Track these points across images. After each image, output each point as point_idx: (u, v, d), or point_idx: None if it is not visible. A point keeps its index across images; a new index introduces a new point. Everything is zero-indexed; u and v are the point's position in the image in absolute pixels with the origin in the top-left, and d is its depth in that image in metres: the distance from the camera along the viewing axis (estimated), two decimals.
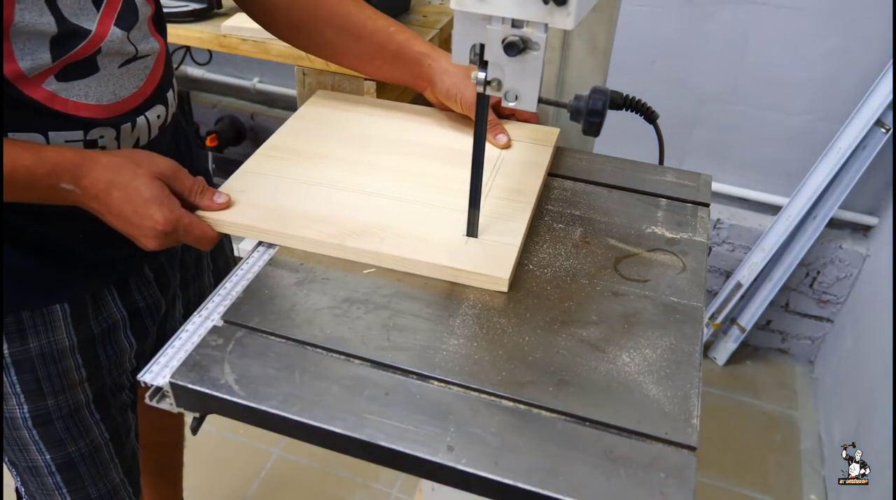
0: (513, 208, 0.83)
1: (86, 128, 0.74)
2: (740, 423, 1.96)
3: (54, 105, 0.71)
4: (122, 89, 0.76)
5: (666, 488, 0.57)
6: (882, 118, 1.69)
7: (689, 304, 0.75)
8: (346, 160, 0.90)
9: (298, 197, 0.83)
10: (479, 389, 0.64)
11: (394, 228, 0.79)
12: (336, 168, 0.89)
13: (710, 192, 0.93)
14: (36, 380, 0.82)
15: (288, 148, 0.93)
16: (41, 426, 0.85)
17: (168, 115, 0.84)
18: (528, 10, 0.58)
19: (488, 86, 0.66)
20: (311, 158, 0.90)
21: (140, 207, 0.71)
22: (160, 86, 0.82)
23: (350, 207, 0.82)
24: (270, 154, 0.92)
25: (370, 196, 0.84)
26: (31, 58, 0.67)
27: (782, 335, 2.15)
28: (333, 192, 0.84)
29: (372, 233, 0.78)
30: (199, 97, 2.52)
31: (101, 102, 0.74)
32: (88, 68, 0.73)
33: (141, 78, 0.79)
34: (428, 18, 1.68)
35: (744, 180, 1.96)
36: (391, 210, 0.82)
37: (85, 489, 0.92)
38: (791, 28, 1.71)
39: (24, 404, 0.83)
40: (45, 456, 0.87)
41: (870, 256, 1.90)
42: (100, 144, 0.76)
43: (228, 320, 0.70)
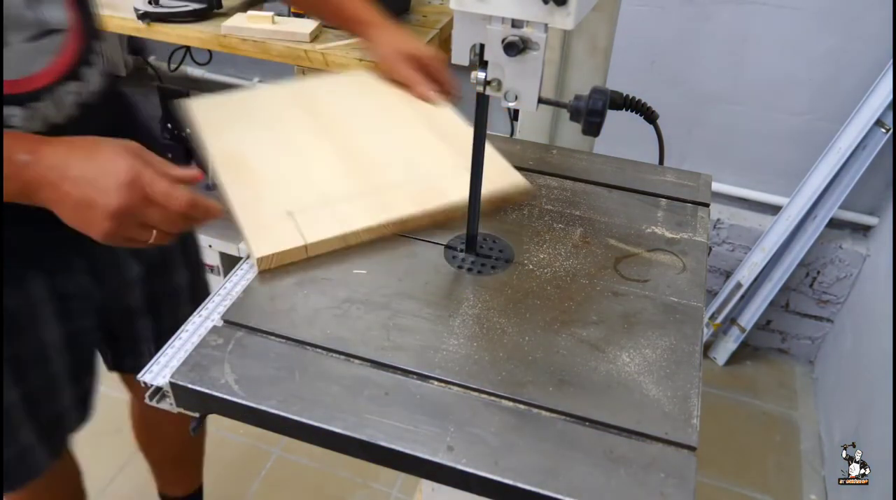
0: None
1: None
2: (740, 423, 1.96)
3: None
4: (30, 65, 0.74)
5: (666, 488, 0.57)
6: (882, 118, 1.69)
7: (689, 304, 0.75)
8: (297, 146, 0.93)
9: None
10: (479, 389, 0.64)
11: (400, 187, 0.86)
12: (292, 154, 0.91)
13: (710, 192, 0.93)
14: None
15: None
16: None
17: (86, 92, 0.81)
18: (528, 10, 0.58)
19: (488, 86, 0.66)
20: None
21: (105, 161, 0.66)
22: (76, 62, 0.79)
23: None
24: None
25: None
26: None
27: (782, 335, 2.15)
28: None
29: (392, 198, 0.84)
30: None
31: (7, 77, 0.72)
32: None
33: (52, 52, 0.76)
34: (428, 18, 1.68)
35: (744, 180, 1.96)
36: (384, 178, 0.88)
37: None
38: (791, 28, 1.71)
39: None
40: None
41: (870, 256, 1.90)
42: (10, 123, 0.73)
43: (228, 320, 0.70)
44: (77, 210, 0.66)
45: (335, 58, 1.49)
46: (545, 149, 1.01)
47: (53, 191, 0.65)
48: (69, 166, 0.65)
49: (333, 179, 0.86)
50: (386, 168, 0.89)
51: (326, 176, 0.87)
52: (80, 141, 0.68)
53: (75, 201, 0.65)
